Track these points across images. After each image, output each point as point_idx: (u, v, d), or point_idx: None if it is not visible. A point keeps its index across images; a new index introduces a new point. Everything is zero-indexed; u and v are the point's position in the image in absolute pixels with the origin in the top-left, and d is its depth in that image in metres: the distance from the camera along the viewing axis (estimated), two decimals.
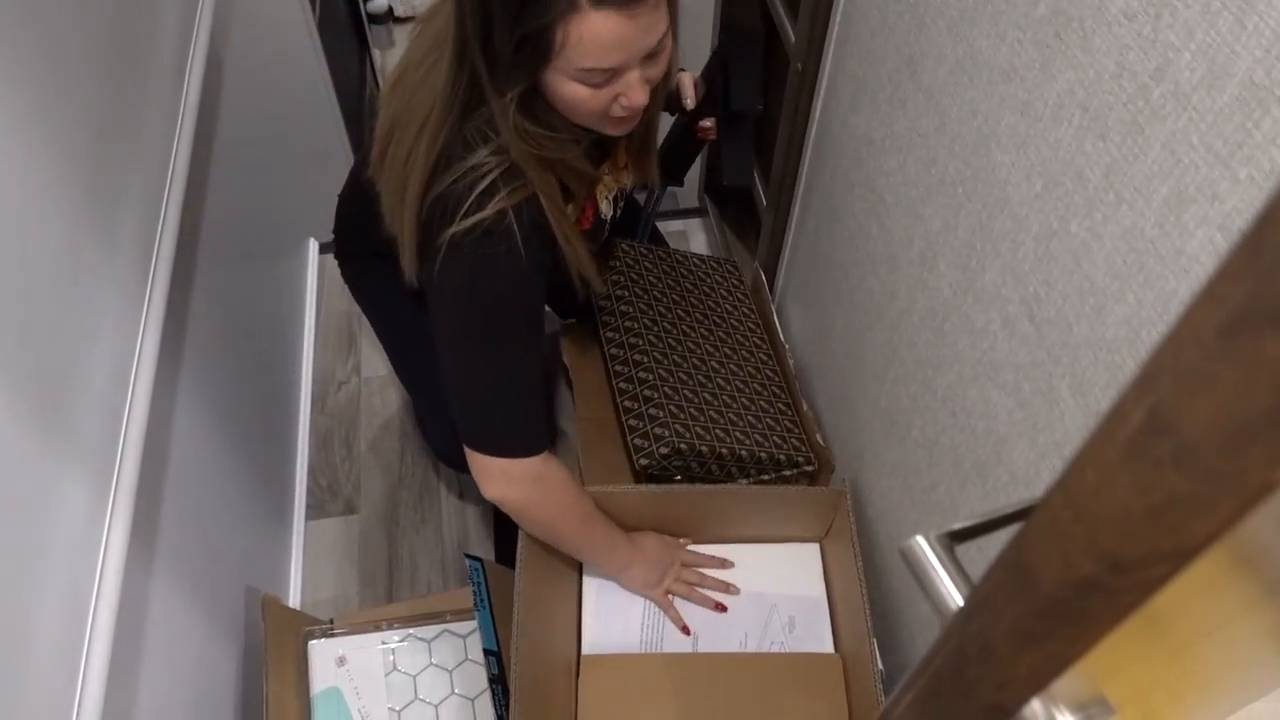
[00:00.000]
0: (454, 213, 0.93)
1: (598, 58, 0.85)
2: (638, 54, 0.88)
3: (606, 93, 0.90)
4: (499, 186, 0.93)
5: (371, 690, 1.19)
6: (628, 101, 0.91)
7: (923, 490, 0.99)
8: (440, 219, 0.94)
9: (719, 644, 1.15)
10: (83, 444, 0.84)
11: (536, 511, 1.04)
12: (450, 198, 0.93)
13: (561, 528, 1.07)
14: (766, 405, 1.29)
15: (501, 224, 0.93)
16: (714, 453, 1.21)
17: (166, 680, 0.97)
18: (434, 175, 0.94)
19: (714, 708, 1.02)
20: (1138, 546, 0.23)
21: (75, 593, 0.80)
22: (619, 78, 0.89)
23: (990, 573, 0.30)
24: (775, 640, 1.17)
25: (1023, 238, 0.73)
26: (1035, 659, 0.29)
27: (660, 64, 0.92)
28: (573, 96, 0.89)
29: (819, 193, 1.25)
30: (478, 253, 0.94)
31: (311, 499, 1.56)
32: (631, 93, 0.90)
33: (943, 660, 0.34)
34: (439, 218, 0.94)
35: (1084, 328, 0.66)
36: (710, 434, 1.20)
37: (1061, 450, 0.72)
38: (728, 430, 1.22)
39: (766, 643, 1.17)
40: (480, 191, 0.93)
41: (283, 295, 1.69)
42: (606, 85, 0.89)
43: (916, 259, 0.94)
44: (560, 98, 0.90)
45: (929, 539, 0.46)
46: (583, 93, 0.89)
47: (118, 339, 0.94)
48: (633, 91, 0.90)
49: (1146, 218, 0.58)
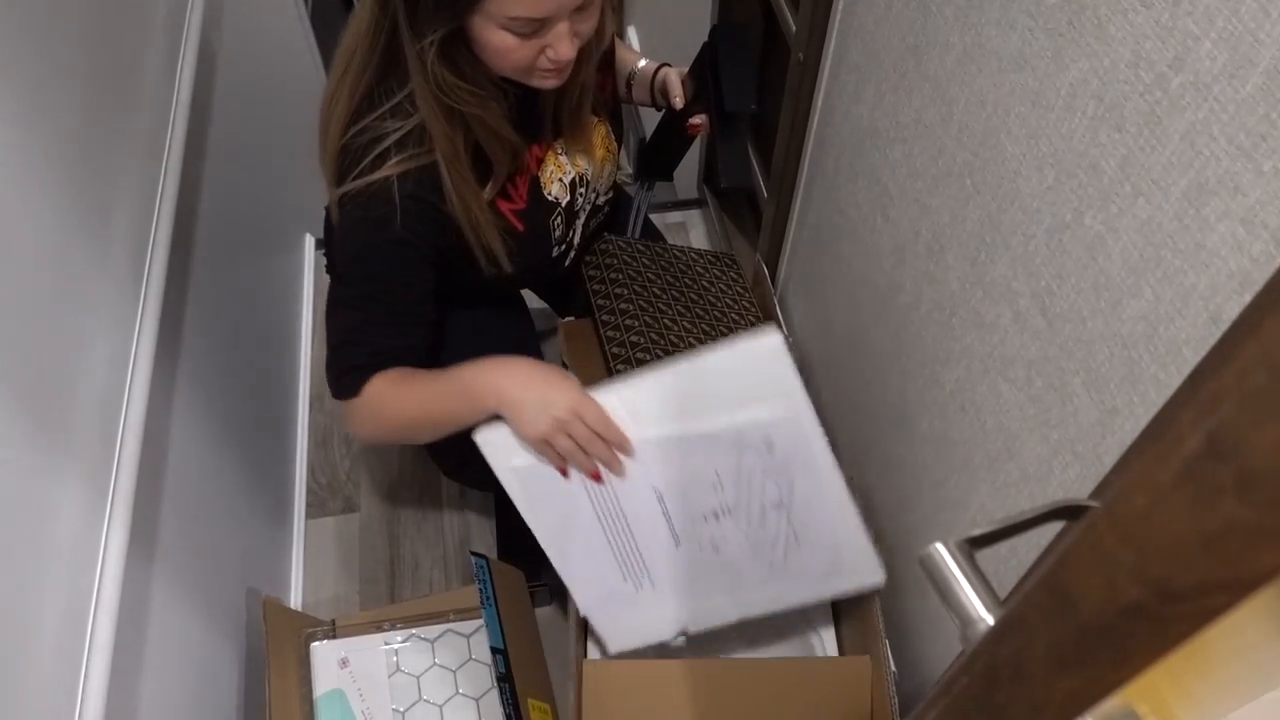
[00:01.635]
0: (349, 170, 0.95)
1: (528, 6, 0.85)
2: (568, 6, 0.87)
3: (534, 44, 0.89)
4: (391, 152, 0.94)
5: (375, 692, 1.18)
6: (555, 54, 0.90)
7: (931, 486, 0.98)
8: (342, 172, 0.96)
9: (688, 502, 0.98)
10: (79, 446, 0.83)
11: (384, 433, 1.07)
12: (350, 152, 0.95)
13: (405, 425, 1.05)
14: None
15: (384, 191, 0.94)
16: None
17: (168, 685, 0.96)
18: (352, 121, 0.95)
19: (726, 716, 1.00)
20: (1192, 575, 0.21)
21: (74, 597, 0.79)
22: (547, 29, 0.88)
23: (1026, 593, 0.28)
24: (756, 472, 0.97)
25: (1034, 230, 0.72)
26: (1073, 684, 0.27)
27: (590, 18, 0.91)
28: (499, 45, 0.88)
29: (821, 184, 1.24)
30: (354, 215, 0.97)
31: (311, 497, 1.55)
32: (560, 45, 0.90)
33: (970, 680, 0.33)
34: (342, 170, 0.97)
35: (1099, 322, 0.65)
36: None
37: (1074, 447, 0.70)
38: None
39: (744, 482, 0.98)
40: (375, 155, 0.94)
41: (279, 292, 1.68)
42: (534, 36, 0.88)
43: (923, 251, 0.92)
44: (486, 45, 0.89)
45: (949, 546, 0.45)
46: (510, 41, 0.88)
47: (113, 339, 0.92)
48: (561, 44, 0.90)
49: (1165, 211, 0.57)
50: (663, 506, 0.99)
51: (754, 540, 1.00)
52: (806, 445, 0.96)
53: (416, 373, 1.04)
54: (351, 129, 0.95)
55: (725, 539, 1.00)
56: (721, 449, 0.97)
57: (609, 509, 0.99)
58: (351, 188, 0.95)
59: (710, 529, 1.00)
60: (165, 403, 1.05)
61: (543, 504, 0.98)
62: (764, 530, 1.00)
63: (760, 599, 1.03)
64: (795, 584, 1.02)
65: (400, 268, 1.01)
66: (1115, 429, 0.65)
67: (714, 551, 1.01)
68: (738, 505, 0.99)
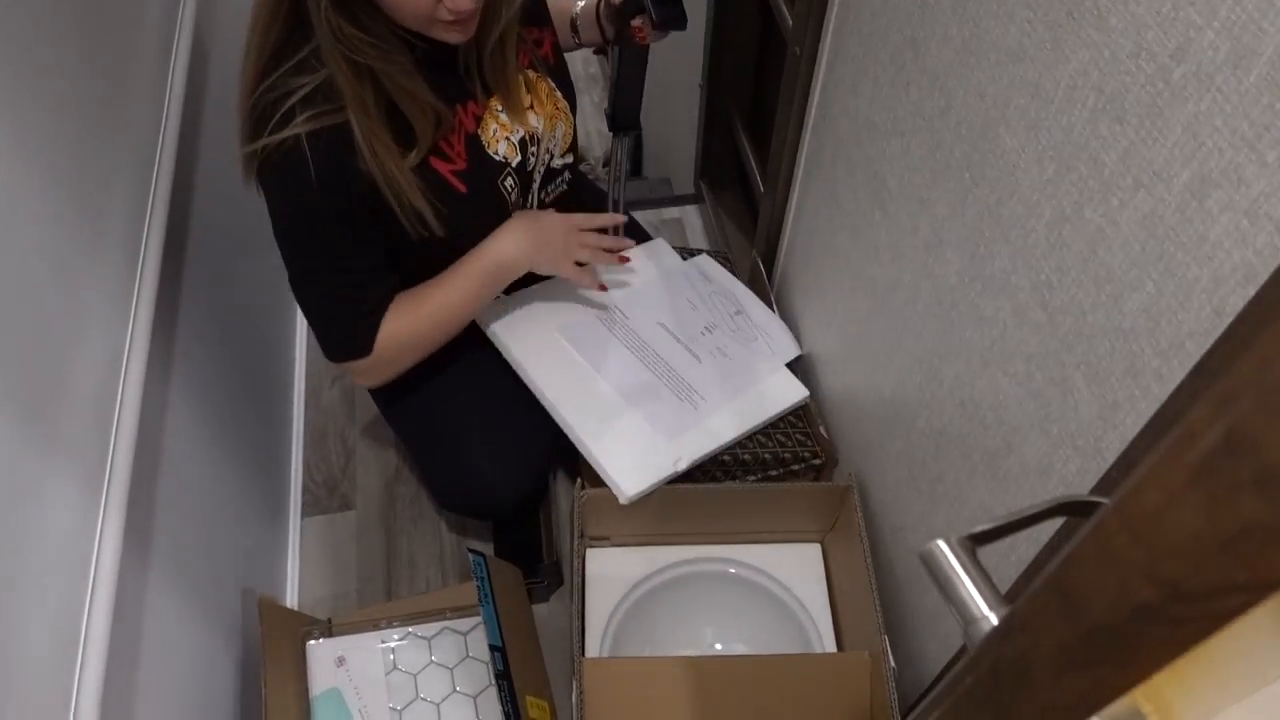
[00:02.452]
0: (259, 129, 0.94)
1: None
2: None
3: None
4: (297, 110, 0.92)
5: (371, 690, 1.17)
6: (453, 5, 0.88)
7: (929, 481, 0.97)
8: (252, 132, 0.95)
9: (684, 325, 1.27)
10: (72, 446, 0.82)
11: (411, 361, 1.12)
12: (258, 110, 0.94)
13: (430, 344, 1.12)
14: None
15: (295, 150, 0.93)
16: (715, 460, 1.19)
17: (164, 684, 0.95)
18: (259, 78, 0.94)
19: (728, 712, 1.00)
20: (1207, 576, 0.21)
21: (69, 598, 0.78)
22: None
23: (1033, 592, 0.28)
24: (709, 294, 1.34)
25: (1034, 224, 0.71)
26: (1081, 685, 0.27)
27: None
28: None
29: (819, 179, 1.23)
30: (273, 178, 0.97)
31: (307, 496, 1.54)
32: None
33: (975, 680, 0.33)
34: (250, 129, 0.96)
35: (1099, 316, 0.65)
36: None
37: (1075, 441, 0.70)
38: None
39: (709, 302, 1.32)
40: (282, 113, 0.92)
41: (273, 290, 1.67)
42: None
43: (921, 246, 0.92)
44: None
45: (950, 543, 0.45)
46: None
47: (106, 338, 0.91)
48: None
49: (1166, 203, 0.56)
50: (670, 332, 1.26)
51: (741, 341, 1.29)
52: (719, 271, 1.40)
53: (412, 293, 1.10)
54: (260, 87, 0.94)
55: (724, 345, 1.27)
56: (680, 286, 1.34)
57: (636, 346, 1.24)
58: (259, 145, 0.93)
59: (710, 340, 1.27)
60: (159, 401, 1.05)
61: (557, 373, 1.18)
62: (741, 332, 1.30)
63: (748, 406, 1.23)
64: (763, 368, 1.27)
65: (339, 226, 1.01)
66: (1117, 423, 0.64)
67: (724, 356, 1.26)
68: (715, 319, 1.31)
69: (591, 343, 1.24)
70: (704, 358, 1.25)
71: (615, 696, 0.99)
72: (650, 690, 1.00)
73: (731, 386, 1.23)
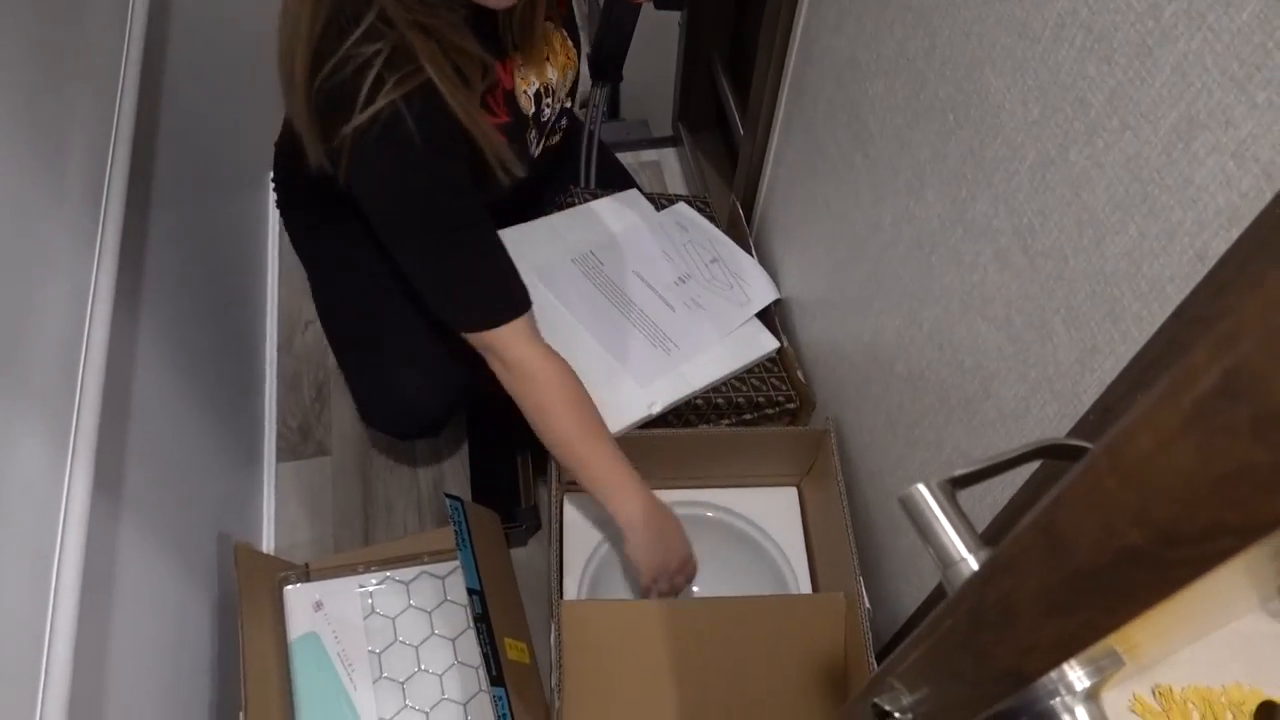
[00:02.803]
0: (347, 110, 0.90)
1: None
2: None
3: None
4: (385, 77, 0.90)
5: (350, 634, 1.18)
6: None
7: (906, 426, 0.98)
8: (333, 115, 0.91)
9: (658, 275, 1.28)
10: (38, 391, 0.80)
11: (553, 381, 1.02)
12: (337, 91, 0.90)
13: (576, 413, 1.03)
14: None
15: (395, 117, 0.90)
16: (689, 403, 1.19)
17: (139, 630, 0.95)
18: (315, 62, 0.90)
19: (704, 653, 1.01)
20: (1198, 519, 0.20)
21: (37, 544, 0.77)
22: None
23: (1016, 535, 0.27)
24: (685, 244, 1.34)
25: (1017, 166, 0.70)
26: (1064, 628, 0.27)
27: None
28: None
29: (800, 121, 1.21)
30: (380, 151, 0.92)
31: (282, 442, 1.53)
32: None
33: (955, 622, 0.33)
34: (331, 113, 0.92)
35: (1081, 260, 0.64)
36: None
37: (1053, 385, 0.70)
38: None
39: (683, 253, 1.32)
40: (369, 85, 0.89)
41: (243, 232, 1.63)
42: None
43: (903, 189, 0.91)
44: None
45: (930, 487, 0.45)
46: None
47: (70, 277, 0.89)
48: None
49: (1153, 145, 0.56)
50: (644, 282, 1.27)
51: (715, 290, 1.29)
52: (695, 220, 1.40)
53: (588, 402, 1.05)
54: (327, 65, 0.90)
55: (698, 295, 1.28)
56: (655, 236, 1.34)
57: (612, 294, 1.25)
58: (357, 124, 0.89)
59: (684, 290, 1.28)
60: (127, 344, 1.03)
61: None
62: (715, 281, 1.30)
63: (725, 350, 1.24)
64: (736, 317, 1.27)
65: (455, 183, 0.98)
66: (1095, 367, 0.64)
67: (697, 306, 1.26)
68: (689, 269, 1.31)
69: (568, 288, 1.23)
70: (678, 307, 1.26)
71: (593, 638, 1.00)
72: (627, 632, 1.01)
73: (704, 336, 1.23)
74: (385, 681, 1.15)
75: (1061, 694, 0.38)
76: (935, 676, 0.36)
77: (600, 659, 1.00)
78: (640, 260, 1.31)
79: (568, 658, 0.97)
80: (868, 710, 0.40)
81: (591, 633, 1.00)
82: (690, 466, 1.19)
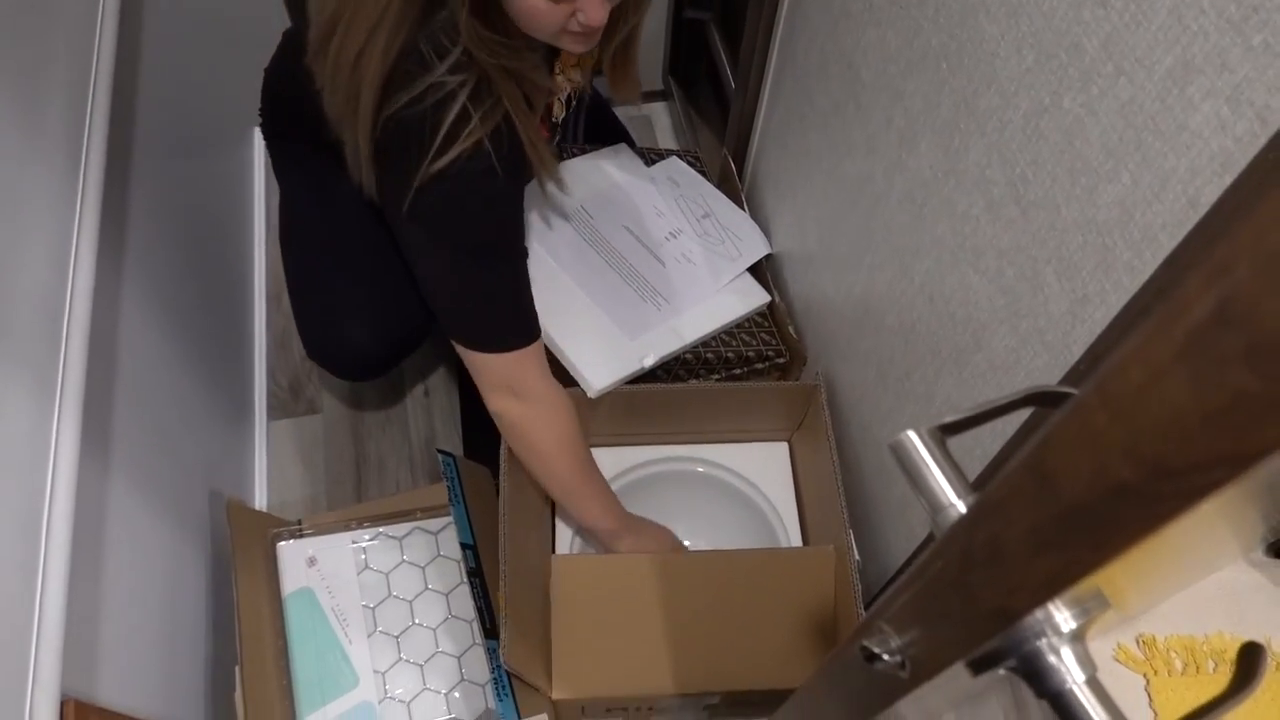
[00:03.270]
0: (425, 145, 0.88)
1: None
2: None
3: (564, 8, 0.85)
4: (470, 112, 0.88)
5: (344, 589, 1.19)
6: (585, 19, 0.87)
7: (897, 379, 0.98)
8: (405, 146, 0.89)
9: (649, 230, 1.28)
10: (21, 349, 0.79)
11: (537, 430, 1.03)
12: (414, 124, 0.88)
13: (559, 459, 1.04)
14: None
15: (479, 154, 0.90)
16: (679, 359, 1.19)
17: (132, 587, 0.95)
18: (390, 85, 0.87)
19: (695, 606, 1.02)
20: (1190, 451, 0.20)
21: (26, 503, 0.77)
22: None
23: (1005, 476, 0.27)
24: (677, 198, 1.34)
25: (1011, 115, 0.69)
26: (1052, 565, 0.27)
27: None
28: (530, 8, 0.85)
29: (791, 72, 1.20)
30: (459, 183, 0.91)
31: (273, 399, 1.53)
32: (590, 10, 0.86)
33: (945, 564, 0.33)
34: (402, 144, 0.89)
35: (1073, 209, 0.64)
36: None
37: (1044, 336, 0.70)
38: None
39: (675, 208, 1.32)
40: (452, 121, 0.87)
41: (228, 188, 1.61)
42: (564, 0, 0.84)
43: (895, 140, 0.90)
44: (517, 7, 0.85)
45: (920, 433, 0.45)
46: (540, 5, 0.84)
47: (51, 232, 0.88)
48: (591, 9, 0.86)
49: (1147, 91, 0.55)
50: (635, 237, 1.27)
51: (706, 245, 1.29)
52: (688, 175, 1.39)
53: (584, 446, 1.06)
54: (403, 93, 0.87)
55: (689, 250, 1.28)
56: (646, 191, 1.33)
57: (603, 249, 1.25)
58: (440, 164, 0.88)
59: (675, 245, 1.28)
60: (112, 299, 1.02)
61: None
62: (707, 236, 1.30)
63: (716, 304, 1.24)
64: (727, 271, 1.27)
65: (519, 215, 1.01)
66: (1085, 317, 0.64)
67: (688, 261, 1.26)
68: (680, 224, 1.31)
69: (559, 243, 1.23)
70: (669, 263, 1.25)
71: (584, 593, 1.01)
72: (618, 586, 1.02)
73: (695, 291, 1.23)
74: (380, 635, 1.16)
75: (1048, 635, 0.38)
76: (924, 618, 0.36)
77: (590, 612, 1.01)
78: (631, 215, 1.30)
79: (558, 613, 0.98)
80: (856, 653, 0.40)
81: (583, 587, 1.01)
82: (681, 422, 1.19)
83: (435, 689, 1.14)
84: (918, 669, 0.37)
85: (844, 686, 0.48)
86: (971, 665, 0.37)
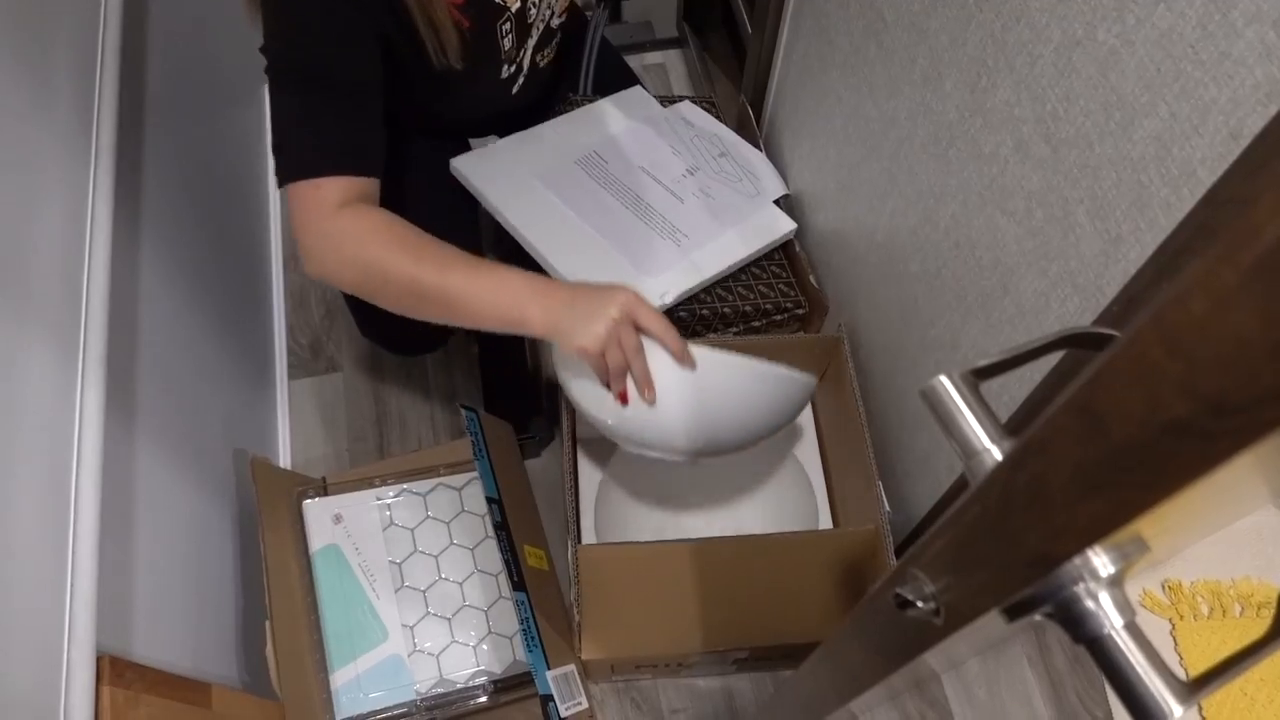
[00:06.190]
0: None
1: None
2: None
3: None
4: None
5: (370, 545, 1.20)
6: None
7: (921, 326, 0.96)
8: None
9: (665, 169, 1.25)
10: (43, 315, 0.79)
11: (343, 275, 0.87)
12: None
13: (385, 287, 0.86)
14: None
15: None
16: (694, 315, 1.17)
17: (162, 543, 0.96)
18: None
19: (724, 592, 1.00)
20: (1253, 385, 0.19)
21: (55, 463, 0.77)
22: None
23: (1049, 416, 0.26)
24: (692, 137, 1.32)
25: (1041, 49, 0.67)
26: (1098, 508, 0.26)
27: None
28: None
29: (809, 13, 1.16)
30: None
31: (293, 359, 1.53)
32: None
33: (983, 508, 0.32)
34: None
35: (1107, 146, 0.62)
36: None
37: (1075, 279, 0.68)
38: (709, 288, 1.18)
39: (691, 147, 1.30)
40: None
41: (240, 147, 1.60)
42: None
43: (919, 80, 0.87)
44: None
45: (953, 378, 0.44)
46: None
47: (66, 194, 0.87)
48: None
49: (1187, 18, 0.53)
50: (651, 176, 1.25)
51: (725, 181, 1.27)
52: (702, 116, 1.37)
53: (422, 234, 0.88)
54: None
55: (708, 186, 1.26)
56: (661, 131, 1.32)
57: (618, 191, 1.23)
58: None
59: (693, 182, 1.26)
60: (130, 260, 1.01)
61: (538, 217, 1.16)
62: (725, 173, 1.28)
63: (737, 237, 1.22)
64: (747, 206, 1.26)
65: (339, 38, 0.88)
66: (1119, 258, 0.63)
67: (707, 196, 1.24)
68: (698, 162, 1.29)
69: (572, 188, 1.21)
70: (686, 199, 1.23)
71: (609, 581, 0.98)
72: (646, 572, 1.00)
73: (716, 223, 1.21)
74: (407, 590, 1.18)
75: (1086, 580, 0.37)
76: (959, 564, 0.36)
77: (619, 600, 0.99)
78: (646, 156, 1.28)
79: (586, 600, 0.97)
80: (889, 601, 0.40)
81: (608, 575, 0.98)
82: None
83: (464, 642, 1.15)
84: (952, 616, 0.37)
85: (875, 636, 0.47)
86: (1007, 611, 0.37)
